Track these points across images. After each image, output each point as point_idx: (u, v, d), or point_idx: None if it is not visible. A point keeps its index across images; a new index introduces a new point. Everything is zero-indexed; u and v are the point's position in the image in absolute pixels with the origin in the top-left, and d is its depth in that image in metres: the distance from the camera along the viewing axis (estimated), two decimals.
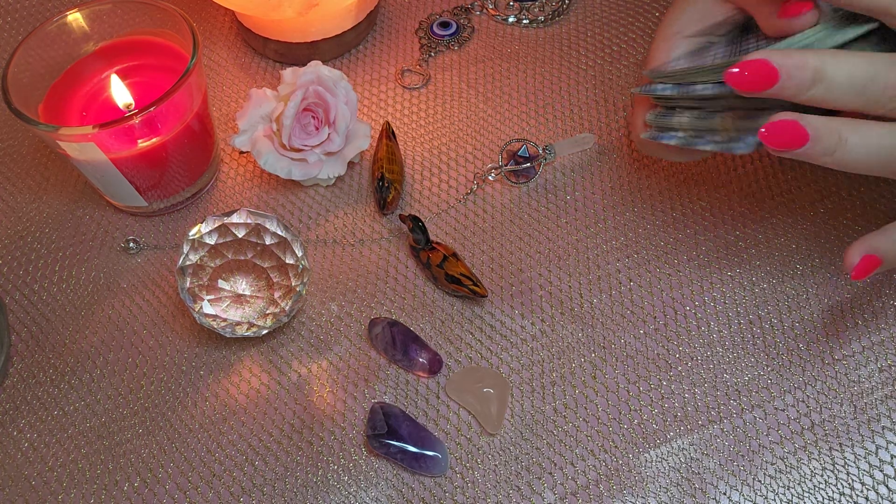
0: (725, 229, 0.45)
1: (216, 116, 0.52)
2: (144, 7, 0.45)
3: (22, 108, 0.41)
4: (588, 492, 0.37)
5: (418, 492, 0.37)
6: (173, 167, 0.45)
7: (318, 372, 0.41)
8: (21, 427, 0.40)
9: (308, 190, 0.48)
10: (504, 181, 0.47)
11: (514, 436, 0.39)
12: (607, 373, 0.40)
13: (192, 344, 0.42)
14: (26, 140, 0.52)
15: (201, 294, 0.39)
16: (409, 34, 0.56)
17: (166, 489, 0.38)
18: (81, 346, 0.43)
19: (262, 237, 0.39)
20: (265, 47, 0.54)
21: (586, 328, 0.42)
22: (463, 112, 0.51)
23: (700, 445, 0.38)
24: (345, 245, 0.46)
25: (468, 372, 0.40)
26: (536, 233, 0.45)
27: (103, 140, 0.41)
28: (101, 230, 0.47)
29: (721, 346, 0.41)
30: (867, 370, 0.39)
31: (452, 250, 0.43)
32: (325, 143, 0.46)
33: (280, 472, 0.38)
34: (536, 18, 0.55)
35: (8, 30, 0.58)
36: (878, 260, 0.35)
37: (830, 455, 0.37)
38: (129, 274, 0.45)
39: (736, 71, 0.32)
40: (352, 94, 0.46)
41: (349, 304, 0.43)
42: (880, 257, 0.35)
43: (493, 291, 0.43)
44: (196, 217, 0.47)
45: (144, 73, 0.47)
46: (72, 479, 0.38)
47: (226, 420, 0.40)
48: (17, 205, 0.49)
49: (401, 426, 0.38)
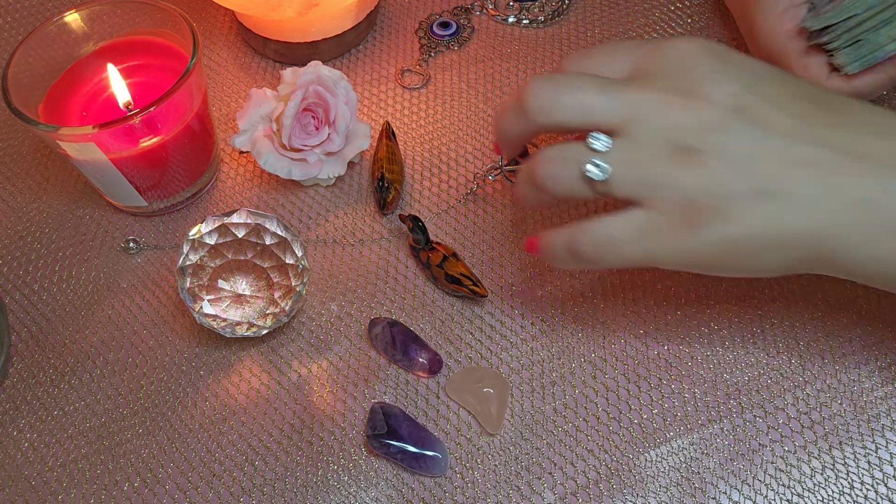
0: None
1: (216, 116, 0.52)
2: (144, 7, 0.45)
3: (22, 108, 0.41)
4: (588, 492, 0.37)
5: (418, 492, 0.37)
6: (173, 167, 0.45)
7: (318, 372, 0.41)
8: (21, 427, 0.40)
9: (308, 190, 0.48)
10: (504, 181, 0.47)
11: (514, 436, 0.39)
12: (607, 373, 0.40)
13: (192, 344, 0.42)
14: (26, 140, 0.52)
15: (201, 294, 0.39)
16: (409, 34, 0.56)
17: (166, 489, 0.38)
18: (81, 346, 0.43)
19: (262, 237, 0.39)
20: (265, 47, 0.54)
21: (586, 328, 0.42)
22: (463, 112, 0.51)
23: (700, 445, 0.38)
24: (345, 245, 0.46)
25: (468, 372, 0.40)
26: (536, 232, 0.45)
27: (103, 140, 0.41)
28: (101, 230, 0.47)
29: (721, 346, 0.41)
30: (867, 369, 0.39)
31: (452, 250, 0.43)
32: (325, 143, 0.46)
33: (280, 472, 0.38)
34: (536, 18, 0.56)
35: (8, 30, 0.58)
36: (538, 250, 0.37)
37: (830, 454, 0.37)
38: (129, 274, 0.45)
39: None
40: (352, 94, 0.46)
41: (349, 304, 0.43)
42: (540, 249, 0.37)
43: (493, 291, 0.43)
44: (196, 217, 0.47)
45: (144, 73, 0.47)
46: (72, 479, 0.38)
47: (226, 420, 0.40)
48: (17, 205, 0.49)
49: (401, 426, 0.38)
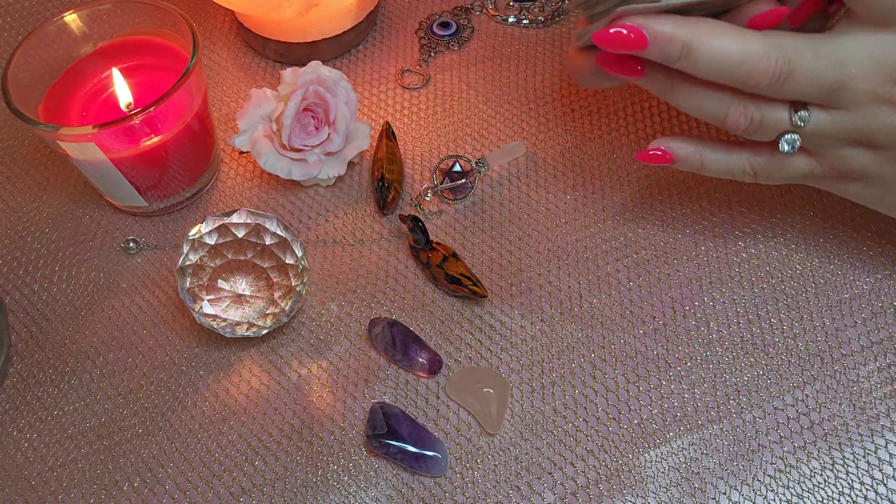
0: (725, 229, 0.45)
1: (216, 116, 0.52)
2: (144, 7, 0.45)
3: (22, 108, 0.41)
4: (588, 492, 0.37)
5: (418, 492, 0.37)
6: (173, 167, 0.45)
7: (318, 372, 0.41)
8: (21, 427, 0.40)
9: (308, 190, 0.48)
10: (441, 199, 0.47)
11: (514, 436, 0.39)
12: (607, 373, 0.40)
13: (192, 344, 0.42)
14: (26, 140, 0.52)
15: (201, 294, 0.39)
16: (409, 34, 0.56)
17: (166, 489, 0.38)
18: (81, 346, 0.43)
19: (262, 237, 0.39)
20: (265, 47, 0.54)
21: (586, 328, 0.42)
22: (463, 112, 0.51)
23: (700, 445, 0.38)
24: (345, 245, 0.46)
25: (468, 372, 0.40)
26: (536, 233, 0.45)
27: (103, 140, 0.41)
28: (101, 230, 0.47)
29: (721, 346, 0.41)
30: (866, 370, 0.39)
31: (452, 250, 0.43)
32: (325, 143, 0.46)
33: (280, 472, 0.38)
34: (536, 18, 0.56)
35: (8, 30, 0.58)
36: (671, 158, 0.37)
37: (830, 454, 0.37)
38: (129, 274, 0.45)
39: (612, 31, 0.32)
40: (352, 94, 0.46)
41: (349, 304, 0.43)
42: (673, 156, 0.37)
43: (493, 291, 0.43)
44: (196, 217, 0.47)
45: (144, 73, 0.47)
46: (72, 479, 0.38)
47: (226, 420, 0.40)
48: (17, 205, 0.49)
49: (401, 426, 0.38)
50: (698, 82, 0.33)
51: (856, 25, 0.32)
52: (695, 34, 0.32)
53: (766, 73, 0.32)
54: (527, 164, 0.48)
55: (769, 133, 0.34)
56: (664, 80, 0.34)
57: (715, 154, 0.37)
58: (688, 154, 0.37)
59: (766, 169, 0.36)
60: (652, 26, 0.32)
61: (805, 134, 0.34)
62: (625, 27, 0.32)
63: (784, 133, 0.34)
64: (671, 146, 0.37)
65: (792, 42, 0.32)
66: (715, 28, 0.32)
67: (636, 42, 0.32)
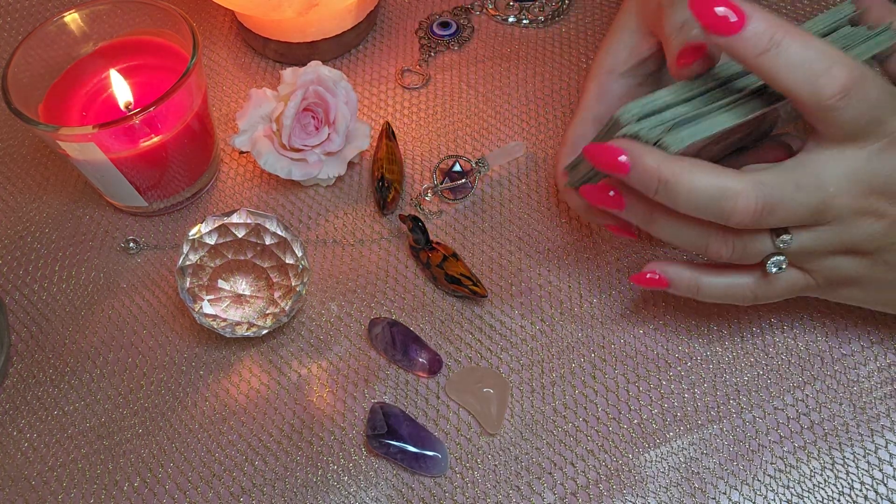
0: None
1: (216, 116, 0.52)
2: (144, 7, 0.45)
3: (22, 108, 0.41)
4: (588, 492, 0.37)
5: (418, 492, 0.37)
6: (173, 167, 0.45)
7: (318, 372, 0.41)
8: (21, 427, 0.40)
9: (308, 190, 0.48)
10: (441, 199, 0.47)
11: (514, 436, 0.39)
12: (607, 373, 0.40)
13: (192, 344, 0.42)
14: (26, 140, 0.52)
15: (201, 294, 0.39)
16: (409, 34, 0.56)
17: (166, 489, 0.38)
18: (81, 346, 0.43)
19: (261, 237, 0.39)
20: (265, 47, 0.54)
21: (586, 328, 0.42)
22: (463, 112, 0.51)
23: (700, 445, 0.38)
24: (345, 245, 0.46)
25: (468, 372, 0.40)
26: (536, 233, 0.45)
27: (103, 140, 0.41)
28: (101, 230, 0.47)
29: (721, 346, 0.41)
30: (866, 370, 0.39)
31: (452, 250, 0.43)
32: (325, 143, 0.46)
33: (280, 472, 0.38)
34: (536, 18, 0.56)
35: (8, 30, 0.58)
36: (666, 282, 0.37)
37: (830, 454, 0.37)
38: (129, 274, 0.45)
39: (597, 149, 0.33)
40: (352, 94, 0.46)
41: (349, 304, 0.43)
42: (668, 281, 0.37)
43: (493, 291, 0.43)
44: (196, 217, 0.47)
45: (144, 73, 0.47)
46: (72, 479, 0.38)
47: (226, 420, 0.40)
48: (17, 205, 0.49)
49: (401, 426, 0.38)
50: (678, 215, 0.33)
51: (823, 144, 0.32)
52: (673, 169, 0.32)
53: (746, 211, 0.31)
54: (527, 164, 0.48)
55: (753, 258, 0.34)
56: (645, 211, 0.34)
57: (709, 279, 0.36)
58: (683, 279, 0.37)
59: (764, 290, 0.36)
60: (635, 154, 0.32)
61: (790, 254, 0.34)
62: (611, 149, 0.33)
63: (770, 256, 0.34)
64: (667, 271, 0.37)
65: (772, 177, 0.32)
66: (694, 165, 0.32)
67: (619, 167, 0.32)
